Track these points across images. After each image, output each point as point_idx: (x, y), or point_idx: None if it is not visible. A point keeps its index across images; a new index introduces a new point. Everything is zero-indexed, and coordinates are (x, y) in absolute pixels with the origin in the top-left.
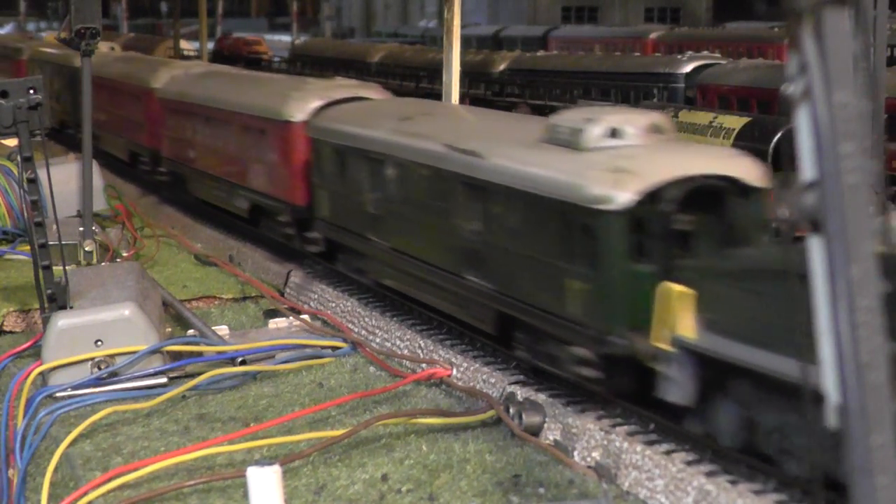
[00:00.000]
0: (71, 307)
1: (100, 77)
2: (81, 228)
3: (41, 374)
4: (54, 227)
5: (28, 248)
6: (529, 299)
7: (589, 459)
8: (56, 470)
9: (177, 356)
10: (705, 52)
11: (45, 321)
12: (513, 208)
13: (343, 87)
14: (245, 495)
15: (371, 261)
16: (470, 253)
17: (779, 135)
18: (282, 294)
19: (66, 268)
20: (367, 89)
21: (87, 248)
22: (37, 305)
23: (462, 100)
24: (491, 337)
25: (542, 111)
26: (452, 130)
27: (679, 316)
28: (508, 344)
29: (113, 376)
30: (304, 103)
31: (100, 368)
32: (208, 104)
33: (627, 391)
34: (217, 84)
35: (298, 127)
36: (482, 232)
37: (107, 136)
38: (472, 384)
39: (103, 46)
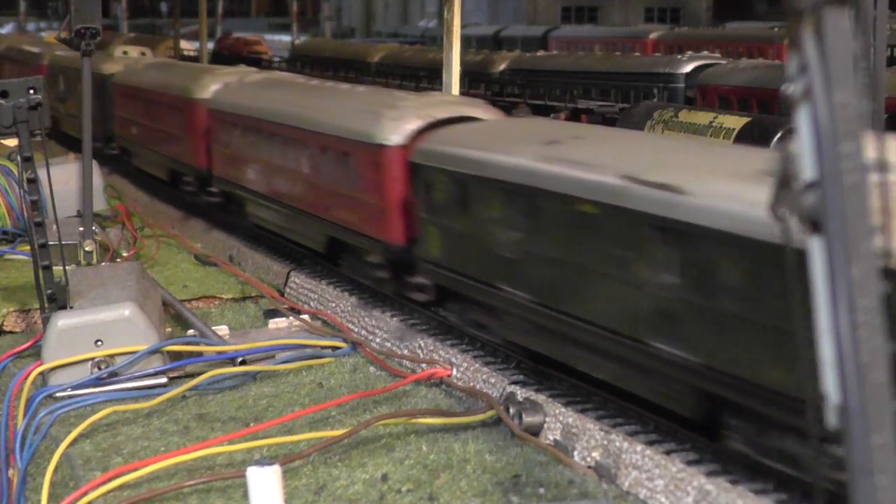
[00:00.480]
0: (71, 307)
1: (133, 87)
2: (81, 228)
3: (41, 374)
4: (54, 227)
5: (28, 248)
6: (756, 378)
7: (589, 459)
8: (56, 470)
9: (177, 356)
10: (705, 52)
11: (45, 321)
12: (734, 260)
13: (445, 103)
14: (245, 495)
15: (502, 315)
16: (659, 314)
17: (779, 135)
18: (282, 294)
19: (66, 268)
20: (472, 107)
21: (87, 248)
22: (37, 305)
23: None
24: (686, 422)
25: (543, 111)
26: (629, 158)
27: None
28: (714, 432)
29: (113, 376)
30: (401, 123)
31: (100, 368)
32: (274, 119)
33: None
34: (284, 96)
35: (395, 152)
36: (680, 288)
37: (142, 153)
38: (472, 384)
39: (133, 51)
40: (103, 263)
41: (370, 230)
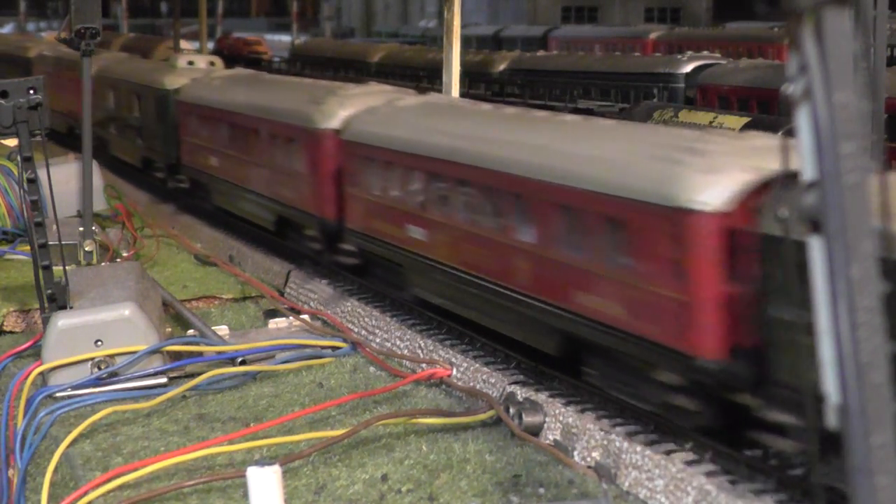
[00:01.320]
0: (71, 307)
1: (210, 107)
2: (81, 228)
3: (41, 374)
4: (54, 227)
5: (28, 248)
6: None
7: (589, 459)
8: (56, 470)
9: (177, 356)
10: (705, 52)
11: (45, 321)
12: None
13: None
14: (245, 495)
15: None
16: None
17: (779, 135)
18: (282, 294)
19: (66, 268)
20: None
21: (87, 248)
22: (37, 305)
23: None
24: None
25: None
26: None
27: None
28: None
29: (113, 376)
30: (719, 177)
31: (100, 368)
32: (470, 162)
33: None
34: (480, 130)
35: (708, 220)
36: None
37: (226, 190)
38: (472, 384)
39: (200, 61)
40: (103, 263)
41: (660, 335)
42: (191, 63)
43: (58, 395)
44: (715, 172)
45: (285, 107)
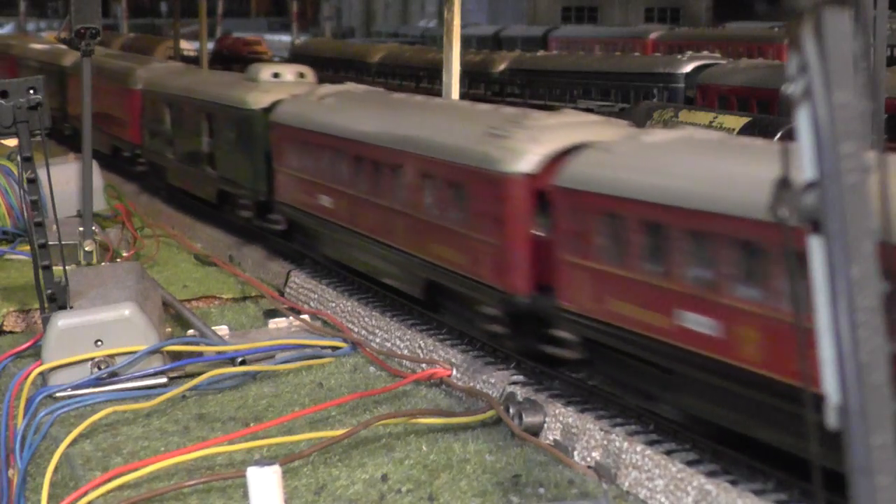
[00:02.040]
0: (71, 307)
1: (329, 135)
2: (81, 228)
3: (41, 374)
4: (54, 227)
5: (28, 248)
6: None
7: (589, 459)
8: (56, 470)
9: (177, 356)
10: (705, 52)
11: (45, 321)
12: None
13: None
14: (245, 495)
15: None
16: None
17: (779, 135)
18: (282, 294)
19: (66, 268)
20: None
21: (87, 248)
22: (37, 305)
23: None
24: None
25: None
26: None
27: None
28: None
29: (113, 376)
30: None
31: (100, 368)
32: None
33: None
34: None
35: None
36: None
37: (354, 242)
38: (472, 384)
39: (288, 72)
40: (103, 263)
41: None
42: (276, 75)
43: (58, 395)
44: None
45: (444, 139)
